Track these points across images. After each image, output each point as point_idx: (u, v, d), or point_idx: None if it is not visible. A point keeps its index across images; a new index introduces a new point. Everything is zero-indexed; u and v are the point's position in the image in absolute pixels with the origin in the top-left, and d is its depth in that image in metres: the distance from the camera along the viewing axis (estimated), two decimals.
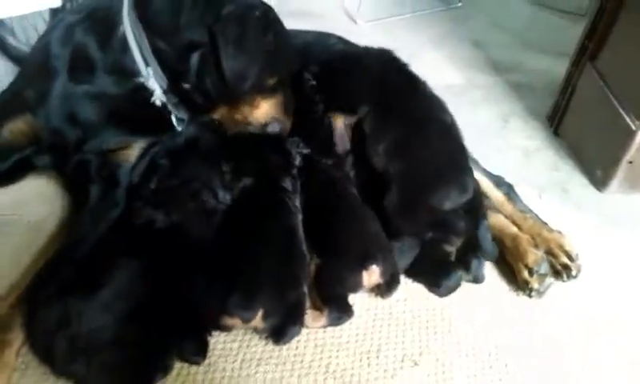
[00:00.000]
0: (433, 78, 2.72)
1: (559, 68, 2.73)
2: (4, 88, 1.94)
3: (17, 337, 1.42)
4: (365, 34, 3.26)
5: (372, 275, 1.62)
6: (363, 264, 1.61)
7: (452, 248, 1.77)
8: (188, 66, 1.65)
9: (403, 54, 2.44)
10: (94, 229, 1.66)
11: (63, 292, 1.40)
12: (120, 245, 1.53)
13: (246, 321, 1.47)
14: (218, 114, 1.81)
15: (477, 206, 1.88)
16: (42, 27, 2.50)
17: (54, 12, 2.45)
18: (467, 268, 1.75)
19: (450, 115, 2.04)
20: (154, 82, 1.67)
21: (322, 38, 2.31)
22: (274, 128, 1.86)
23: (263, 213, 1.69)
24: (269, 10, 1.77)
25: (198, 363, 1.45)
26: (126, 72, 1.68)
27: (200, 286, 1.48)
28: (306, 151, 1.90)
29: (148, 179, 1.72)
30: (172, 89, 1.71)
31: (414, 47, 3.28)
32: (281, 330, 1.50)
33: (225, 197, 1.73)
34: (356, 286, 1.63)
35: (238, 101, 1.76)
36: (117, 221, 1.68)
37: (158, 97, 1.70)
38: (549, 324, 1.71)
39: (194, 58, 1.64)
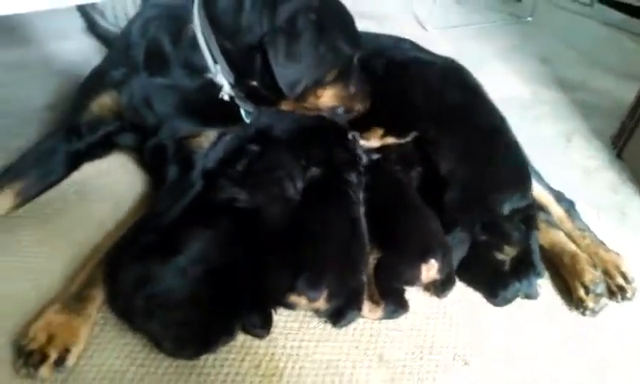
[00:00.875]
0: (498, 89, 2.77)
1: (627, 90, 2.73)
2: (93, 66, 2.07)
3: (99, 293, 1.54)
4: (433, 41, 3.28)
5: (430, 270, 1.68)
6: (423, 257, 1.67)
7: (503, 256, 1.80)
8: (253, 64, 1.74)
9: (469, 64, 2.50)
10: (173, 204, 1.78)
11: (143, 256, 1.51)
12: (199, 218, 1.63)
13: (313, 300, 1.56)
14: (285, 106, 1.90)
15: (531, 217, 1.92)
16: (131, 11, 2.65)
17: None
18: (520, 280, 1.77)
19: (511, 129, 2.11)
20: (221, 77, 1.77)
21: (398, 42, 2.38)
22: (341, 112, 1.95)
23: (328, 201, 1.79)
24: (326, 4, 1.79)
25: (261, 336, 1.55)
26: (196, 68, 1.79)
27: (270, 264, 1.58)
28: (376, 156, 2.00)
29: (235, 162, 1.85)
30: (239, 84, 1.81)
31: (481, 58, 3.32)
32: (341, 312, 1.58)
33: (301, 186, 1.84)
34: (414, 279, 1.69)
35: (302, 95, 1.82)
36: (194, 199, 1.80)
37: (226, 92, 1.80)
38: (600, 343, 1.73)
39: (258, 58, 1.72)
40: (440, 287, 1.74)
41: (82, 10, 2.92)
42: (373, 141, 2.08)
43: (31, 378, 1.36)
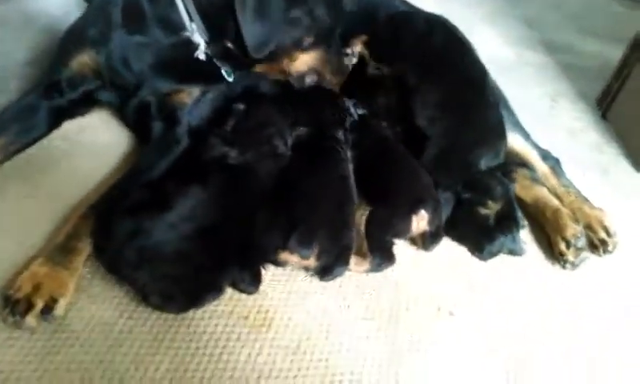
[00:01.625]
0: (484, 52, 2.76)
1: (612, 53, 2.75)
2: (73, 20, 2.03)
3: (85, 246, 1.53)
4: (417, 4, 3.27)
5: (420, 221, 1.70)
6: (413, 209, 1.69)
7: (487, 211, 1.81)
8: (227, 23, 1.70)
9: (457, 25, 2.49)
10: (160, 160, 1.77)
11: (134, 210, 1.51)
12: (190, 175, 1.62)
13: (305, 258, 1.56)
14: (260, 69, 1.88)
15: (508, 173, 1.96)
16: None
17: None
18: (505, 234, 1.79)
19: (494, 84, 2.14)
20: (197, 36, 1.75)
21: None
22: (311, 80, 1.92)
23: (317, 159, 1.78)
24: None
25: (250, 293, 1.55)
26: (173, 25, 1.75)
27: (260, 222, 1.58)
28: (361, 112, 1.99)
29: (223, 121, 1.82)
30: (214, 44, 1.77)
31: (467, 21, 3.27)
32: (329, 268, 1.59)
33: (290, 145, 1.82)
34: (404, 231, 1.70)
35: (276, 56, 1.81)
36: (183, 155, 1.79)
37: (202, 51, 1.77)
38: (579, 293, 1.77)
39: (231, 17, 1.67)
40: (429, 239, 1.76)
41: None
42: (355, 46, 2.07)
43: (18, 327, 1.36)
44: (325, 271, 1.60)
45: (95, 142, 1.98)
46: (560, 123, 2.62)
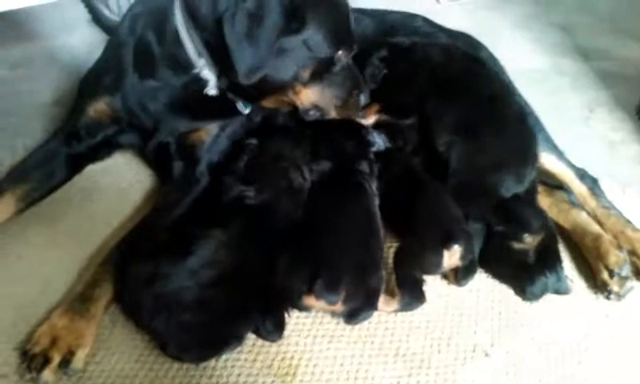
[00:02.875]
0: (516, 62, 2.68)
1: None
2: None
3: (104, 293, 1.51)
4: (447, 15, 3.19)
5: (453, 256, 1.62)
6: (445, 243, 1.61)
7: (523, 246, 1.70)
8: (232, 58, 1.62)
9: (485, 36, 2.40)
10: (181, 200, 1.75)
11: (155, 254, 1.48)
12: (210, 218, 1.58)
13: (332, 304, 1.49)
14: (268, 102, 1.82)
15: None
16: None
17: None
18: (546, 274, 1.66)
19: (519, 102, 2.01)
20: (207, 72, 1.70)
21: (408, 19, 2.28)
22: (315, 114, 1.82)
23: (342, 196, 1.71)
24: None
25: (274, 340, 1.50)
26: (182, 64, 1.72)
27: (283, 265, 1.52)
28: (385, 141, 1.92)
29: (236, 157, 1.78)
30: (224, 78, 1.72)
31: (497, 29, 3.20)
32: (356, 313, 1.53)
33: (310, 175, 1.77)
34: (436, 266, 1.62)
35: (278, 89, 1.74)
36: (202, 194, 1.76)
37: (212, 87, 1.73)
38: (627, 326, 1.65)
39: None
40: (462, 274, 1.68)
41: (86, 0, 2.86)
42: (368, 117, 1.97)
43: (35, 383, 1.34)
44: (352, 315, 1.53)
45: (117, 184, 1.98)
46: (598, 135, 2.49)
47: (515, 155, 1.82)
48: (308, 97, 1.77)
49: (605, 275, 1.69)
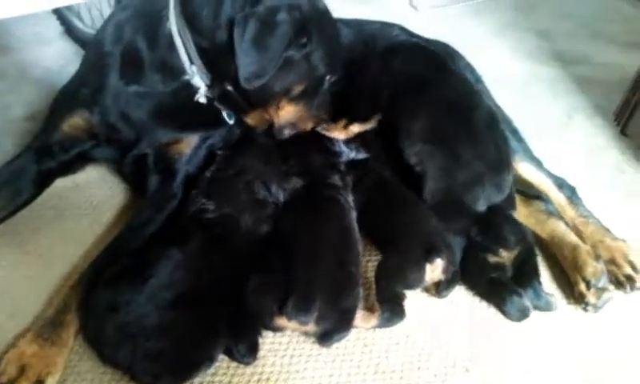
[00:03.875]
0: (495, 69, 2.68)
1: (630, 61, 2.61)
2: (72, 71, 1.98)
3: (75, 318, 1.46)
4: (425, 22, 3.18)
5: (435, 270, 1.59)
6: (427, 257, 1.58)
7: (498, 260, 1.68)
8: (228, 65, 1.61)
9: (464, 44, 2.39)
10: (154, 217, 1.70)
11: (114, 279, 1.44)
12: (169, 236, 1.55)
13: (303, 324, 1.46)
14: (251, 117, 1.79)
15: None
16: (106, 11, 2.55)
17: None
18: (521, 291, 1.63)
19: (488, 107, 1.96)
20: (198, 79, 1.68)
21: (386, 29, 2.25)
22: (289, 133, 1.82)
23: (315, 211, 1.68)
24: (316, 16, 1.69)
25: (248, 364, 1.46)
26: (172, 70, 1.69)
27: (253, 285, 1.49)
28: (356, 150, 1.90)
29: (205, 169, 1.75)
30: (214, 87, 1.71)
31: (476, 37, 3.20)
32: (329, 334, 1.49)
33: (278, 192, 1.73)
34: (418, 281, 1.60)
35: (268, 102, 1.73)
36: (175, 211, 1.72)
37: (202, 94, 1.70)
38: (607, 338, 1.64)
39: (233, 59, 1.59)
40: (444, 286, 1.65)
41: (59, 13, 2.80)
42: (337, 133, 1.93)
43: None
44: (325, 337, 1.50)
45: (90, 200, 1.93)
46: (577, 141, 2.48)
47: (492, 164, 1.78)
48: (290, 114, 1.76)
49: (582, 287, 1.67)
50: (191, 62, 1.67)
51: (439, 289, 1.66)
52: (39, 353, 1.37)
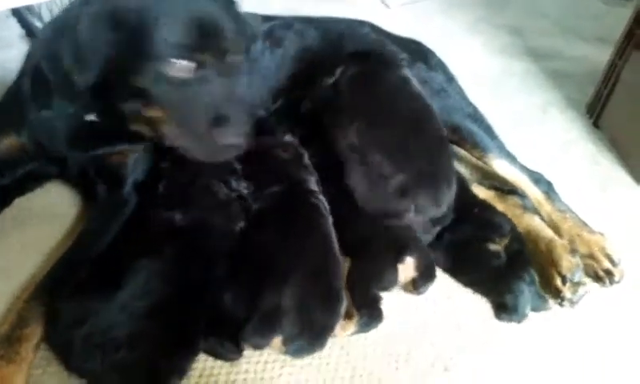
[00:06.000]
0: (468, 65, 2.66)
1: (601, 55, 2.61)
2: None
3: (34, 332, 1.38)
4: (397, 20, 3.16)
5: (407, 269, 1.57)
6: (398, 258, 1.56)
7: (496, 247, 1.69)
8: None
9: (437, 41, 2.37)
10: (107, 225, 1.63)
11: (80, 290, 1.37)
12: (139, 244, 1.48)
13: (259, 348, 1.42)
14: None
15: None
16: None
17: None
18: (521, 276, 1.63)
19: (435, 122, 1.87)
20: None
21: (355, 28, 2.21)
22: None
23: (293, 221, 1.62)
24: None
25: (234, 359, 1.42)
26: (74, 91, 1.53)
27: (227, 301, 1.43)
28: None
29: (155, 185, 1.67)
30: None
31: (448, 34, 3.18)
32: (299, 351, 1.44)
33: (239, 184, 1.66)
34: (392, 283, 1.57)
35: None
36: (131, 218, 1.65)
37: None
38: (586, 331, 1.62)
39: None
40: (420, 282, 1.61)
41: (19, 15, 2.71)
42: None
43: None
44: (295, 353, 1.44)
45: (51, 208, 1.83)
46: (551, 135, 2.48)
47: (423, 177, 1.72)
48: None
49: (558, 281, 1.64)
50: None
51: (416, 285, 1.62)
52: None
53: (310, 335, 1.41)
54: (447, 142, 1.87)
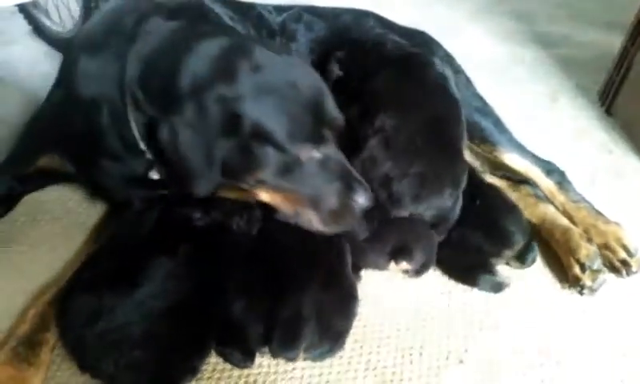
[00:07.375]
0: (475, 54, 2.64)
1: (611, 40, 2.60)
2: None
3: (53, 334, 1.38)
4: (401, 10, 3.13)
5: (400, 267, 1.62)
6: (396, 256, 1.59)
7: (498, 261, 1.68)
8: None
9: (442, 31, 2.34)
10: (133, 230, 1.59)
11: (95, 284, 1.35)
12: (159, 244, 1.46)
13: (290, 360, 1.40)
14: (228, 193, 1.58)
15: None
16: (74, 8, 2.46)
17: None
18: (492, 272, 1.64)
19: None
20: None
21: (361, 20, 2.18)
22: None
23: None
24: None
25: (245, 367, 1.40)
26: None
27: (237, 310, 1.39)
28: None
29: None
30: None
31: (453, 23, 3.15)
32: (320, 356, 1.43)
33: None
34: (376, 266, 1.63)
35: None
36: (155, 223, 1.60)
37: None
38: (605, 322, 1.60)
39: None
40: (412, 276, 1.64)
41: (25, 11, 2.71)
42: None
43: None
44: (316, 359, 1.43)
45: (63, 203, 1.83)
46: (562, 123, 2.46)
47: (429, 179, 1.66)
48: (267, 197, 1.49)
49: (576, 270, 1.63)
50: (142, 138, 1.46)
51: (408, 276, 1.65)
52: (16, 376, 1.28)
53: (331, 341, 1.40)
54: (462, 155, 1.77)
